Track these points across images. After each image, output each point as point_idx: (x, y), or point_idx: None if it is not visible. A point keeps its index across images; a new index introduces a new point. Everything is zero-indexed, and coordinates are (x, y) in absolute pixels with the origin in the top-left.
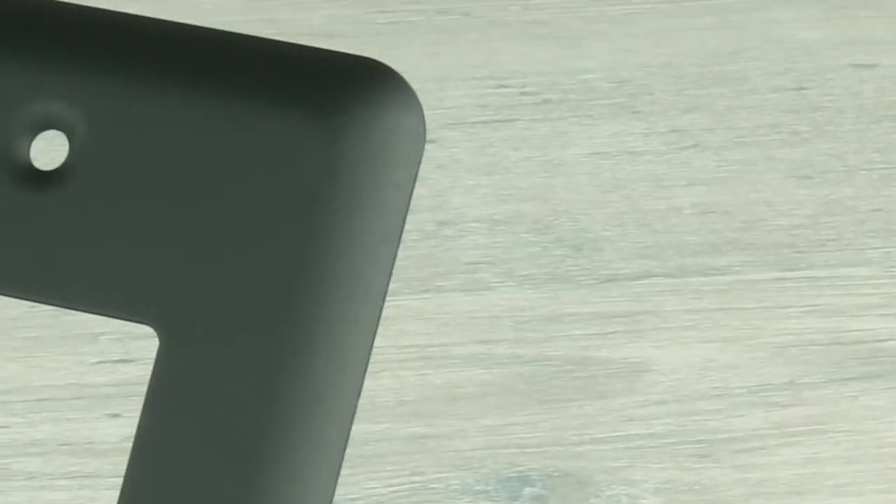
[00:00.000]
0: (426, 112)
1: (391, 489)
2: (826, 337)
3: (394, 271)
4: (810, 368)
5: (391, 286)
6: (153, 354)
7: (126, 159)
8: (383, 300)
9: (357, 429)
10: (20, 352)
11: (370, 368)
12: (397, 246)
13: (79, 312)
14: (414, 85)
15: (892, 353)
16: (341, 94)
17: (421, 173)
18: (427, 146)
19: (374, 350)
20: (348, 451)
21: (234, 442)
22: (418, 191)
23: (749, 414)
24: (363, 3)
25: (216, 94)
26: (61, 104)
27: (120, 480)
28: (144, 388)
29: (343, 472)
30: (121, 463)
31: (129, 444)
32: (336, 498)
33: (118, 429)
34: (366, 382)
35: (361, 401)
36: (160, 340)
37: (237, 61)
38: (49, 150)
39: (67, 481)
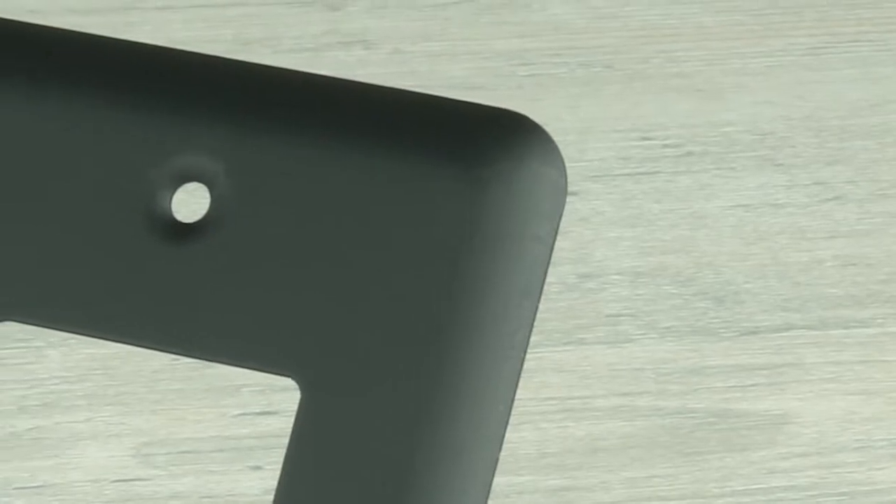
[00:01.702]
0: (568, 164)
1: None
2: None
3: (535, 324)
4: None
5: (533, 338)
6: (295, 407)
7: (268, 211)
8: (525, 353)
9: (499, 481)
10: (162, 404)
11: (512, 420)
12: (539, 299)
13: (221, 365)
14: (556, 137)
15: None
16: (483, 146)
17: (563, 226)
18: (569, 199)
19: (516, 402)
20: (490, 503)
21: (376, 495)
22: (560, 243)
23: (891, 466)
24: (505, 56)
25: (358, 146)
26: (204, 156)
27: None
28: (286, 441)
29: None
30: None
31: (271, 497)
32: None
33: (260, 481)
34: (507, 435)
35: (503, 453)
36: (302, 393)
37: (378, 113)
38: (191, 203)
39: None
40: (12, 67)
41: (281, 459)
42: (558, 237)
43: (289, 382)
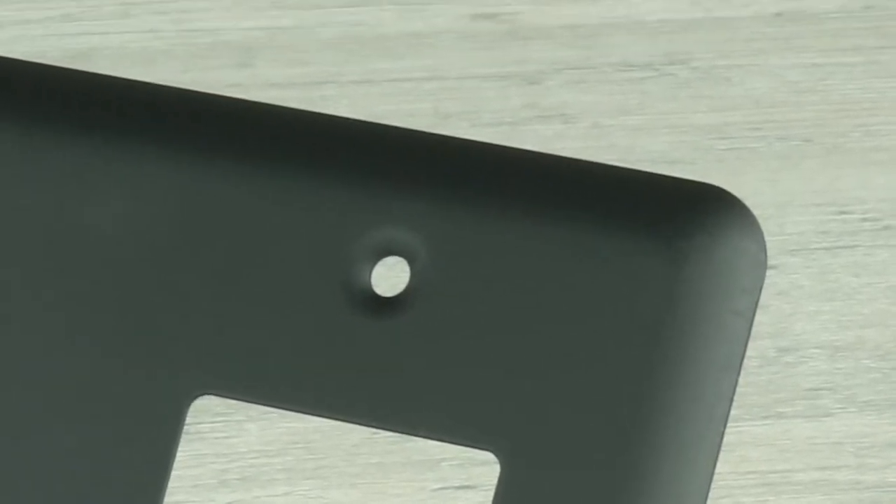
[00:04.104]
0: (767, 238)
1: None
2: None
3: (735, 397)
4: None
5: (732, 412)
6: (495, 481)
7: (466, 285)
8: (724, 426)
9: None
10: (362, 478)
11: (711, 495)
12: (738, 373)
13: (420, 439)
14: (755, 211)
15: None
16: (683, 220)
17: (762, 300)
18: (768, 272)
19: (716, 476)
20: None
21: None
22: (759, 317)
23: None
24: (704, 130)
25: (556, 220)
26: (403, 231)
27: None
28: None
29: None
30: None
31: None
32: None
33: None
34: None
35: None
36: (501, 467)
37: (577, 187)
38: (391, 277)
39: None
40: (219, 143)
41: None
42: (757, 311)
43: (489, 456)
